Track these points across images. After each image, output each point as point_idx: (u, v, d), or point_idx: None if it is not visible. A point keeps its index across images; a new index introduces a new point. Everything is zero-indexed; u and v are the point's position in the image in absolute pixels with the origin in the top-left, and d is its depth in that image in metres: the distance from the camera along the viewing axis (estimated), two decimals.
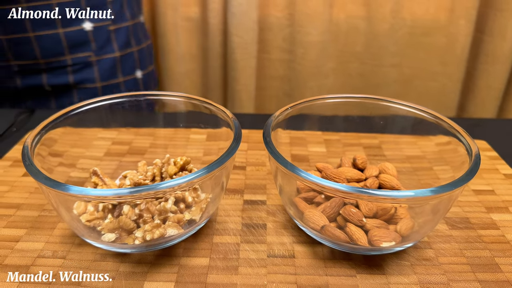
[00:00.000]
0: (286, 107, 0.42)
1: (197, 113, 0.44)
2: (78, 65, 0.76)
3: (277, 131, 0.51)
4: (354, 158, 0.43)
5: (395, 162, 0.49)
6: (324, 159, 0.49)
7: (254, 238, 0.38)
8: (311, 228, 0.36)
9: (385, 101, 0.46)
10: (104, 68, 0.79)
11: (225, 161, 0.33)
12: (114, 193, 0.29)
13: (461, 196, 0.44)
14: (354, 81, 1.37)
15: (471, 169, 0.33)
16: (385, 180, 0.40)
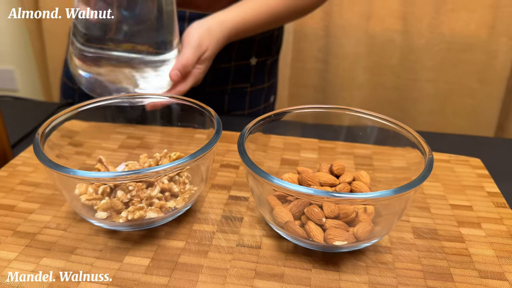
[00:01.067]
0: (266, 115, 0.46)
1: (188, 111, 0.49)
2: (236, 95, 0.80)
3: (269, 137, 0.56)
4: (331, 165, 0.46)
5: (379, 172, 0.52)
6: (312, 165, 0.53)
7: (229, 228, 0.42)
8: (276, 223, 0.40)
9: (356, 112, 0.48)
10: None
11: (203, 153, 0.38)
12: (94, 176, 0.35)
13: (436, 209, 0.46)
14: (389, 93, 1.37)
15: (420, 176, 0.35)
16: (356, 186, 0.43)
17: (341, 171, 0.46)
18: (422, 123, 1.36)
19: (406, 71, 1.31)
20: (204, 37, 0.59)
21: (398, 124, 0.47)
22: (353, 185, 0.44)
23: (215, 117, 0.44)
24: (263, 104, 0.83)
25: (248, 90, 0.79)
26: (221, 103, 0.78)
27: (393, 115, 1.40)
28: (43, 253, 0.39)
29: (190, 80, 0.60)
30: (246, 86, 0.79)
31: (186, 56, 0.58)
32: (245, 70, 0.77)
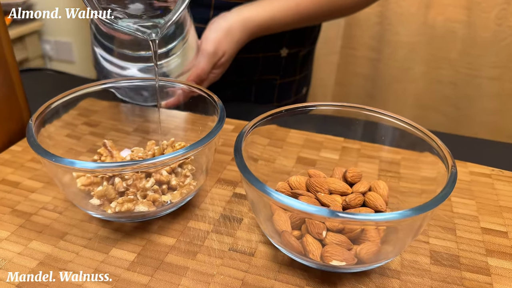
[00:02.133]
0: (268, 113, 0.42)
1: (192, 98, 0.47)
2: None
3: (288, 131, 0.52)
4: (346, 170, 0.41)
5: (405, 181, 0.46)
6: (331, 167, 0.48)
7: (225, 230, 0.39)
8: (273, 231, 0.36)
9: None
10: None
11: (199, 146, 0.35)
12: (77, 166, 0.33)
13: (463, 232, 0.40)
14: (445, 89, 1.26)
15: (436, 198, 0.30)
16: (370, 198, 0.38)
17: (356, 178, 0.41)
18: (478, 124, 1.25)
19: (466, 66, 1.20)
20: (222, 42, 0.56)
21: (421, 129, 0.41)
22: (367, 196, 0.39)
23: (218, 104, 0.41)
24: (293, 96, 0.78)
25: (277, 83, 0.75)
26: (247, 94, 0.75)
27: (447, 112, 1.29)
28: (34, 235, 0.38)
29: (205, 83, 0.59)
30: (275, 78, 0.74)
31: (201, 66, 0.56)
32: (275, 62, 0.73)
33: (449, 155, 0.36)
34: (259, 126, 0.41)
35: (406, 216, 0.29)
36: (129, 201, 0.37)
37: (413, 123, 0.42)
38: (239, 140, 0.37)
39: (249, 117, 0.67)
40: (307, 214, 0.30)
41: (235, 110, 0.67)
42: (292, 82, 0.76)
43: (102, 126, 0.54)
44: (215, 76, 0.61)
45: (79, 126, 0.52)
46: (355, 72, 1.34)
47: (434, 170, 0.46)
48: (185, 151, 0.35)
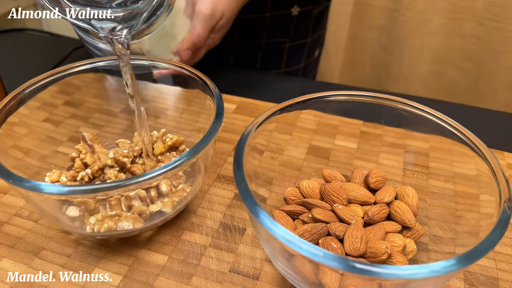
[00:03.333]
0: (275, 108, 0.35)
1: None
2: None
3: (300, 113, 0.45)
4: (368, 174, 0.35)
5: (436, 180, 0.40)
6: (347, 160, 0.42)
7: (225, 244, 0.34)
8: (277, 251, 0.31)
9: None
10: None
11: (192, 157, 0.29)
12: (51, 191, 0.26)
13: (504, 247, 0.34)
14: (466, 43, 1.16)
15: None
16: (397, 211, 0.32)
17: (380, 184, 0.35)
18: (500, 82, 1.16)
19: (492, 18, 1.09)
20: (219, 1, 0.48)
21: (465, 133, 0.34)
22: (393, 208, 0.33)
23: (214, 93, 0.34)
24: (304, 61, 0.70)
25: (286, 46, 0.66)
26: (252, 60, 0.67)
27: (466, 68, 1.20)
28: (5, 251, 0.33)
29: (203, 51, 0.51)
30: (284, 41, 0.66)
31: (197, 32, 0.48)
32: (284, 22, 0.64)
33: (492, 159, 0.30)
34: (264, 124, 0.34)
35: (442, 272, 0.23)
36: (110, 218, 0.31)
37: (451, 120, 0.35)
38: (239, 150, 0.30)
39: (254, 92, 0.60)
40: (329, 267, 0.24)
41: (237, 81, 0.60)
42: (304, 45, 0.68)
43: (85, 106, 0.47)
44: (214, 41, 0.54)
45: (59, 108, 0.45)
46: (370, 24, 1.23)
47: (470, 165, 0.40)
48: (176, 163, 0.28)
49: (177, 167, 0.28)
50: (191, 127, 0.44)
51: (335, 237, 0.30)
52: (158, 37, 0.48)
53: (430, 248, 0.33)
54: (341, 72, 1.32)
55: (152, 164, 0.36)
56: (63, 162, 0.40)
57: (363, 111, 0.40)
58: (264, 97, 0.54)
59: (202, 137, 0.30)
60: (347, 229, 0.30)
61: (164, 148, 0.37)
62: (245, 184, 0.26)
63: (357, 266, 0.22)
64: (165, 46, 0.51)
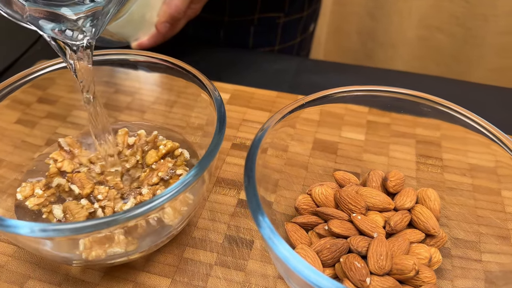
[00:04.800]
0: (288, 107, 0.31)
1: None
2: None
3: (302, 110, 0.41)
4: (385, 178, 0.32)
5: (451, 173, 0.38)
6: (356, 154, 0.39)
7: (233, 261, 0.31)
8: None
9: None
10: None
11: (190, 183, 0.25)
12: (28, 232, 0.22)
13: None
14: (455, 7, 1.13)
15: None
16: (419, 217, 0.30)
17: (399, 187, 0.32)
18: (488, 46, 1.13)
19: None
20: None
21: (477, 120, 0.32)
22: (415, 214, 0.30)
23: (213, 96, 0.30)
24: (299, 36, 0.65)
25: (281, 21, 0.61)
26: (244, 37, 0.62)
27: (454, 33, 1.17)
28: None
29: (182, 22, 0.47)
30: (278, 15, 0.61)
31: (175, 4, 0.44)
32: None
33: None
34: (276, 127, 0.31)
35: None
36: (99, 244, 0.27)
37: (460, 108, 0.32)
38: (250, 162, 0.26)
39: (248, 76, 0.55)
40: None
41: (229, 63, 0.55)
42: (299, 20, 0.63)
43: (62, 102, 0.42)
44: (194, 11, 0.49)
45: (33, 106, 0.40)
46: None
47: (487, 156, 0.37)
48: (173, 193, 0.24)
49: (186, 189, 0.24)
50: (184, 123, 0.40)
51: (357, 253, 0.27)
52: (127, 17, 0.44)
53: (454, 253, 0.31)
54: (326, 40, 1.28)
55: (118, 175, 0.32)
56: (42, 171, 0.35)
57: (368, 99, 0.37)
58: (259, 82, 0.49)
59: (206, 152, 0.26)
60: (370, 245, 0.27)
61: (157, 156, 0.33)
62: (263, 214, 0.23)
63: None
64: (135, 27, 0.47)
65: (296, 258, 0.21)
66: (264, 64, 0.55)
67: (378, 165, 0.38)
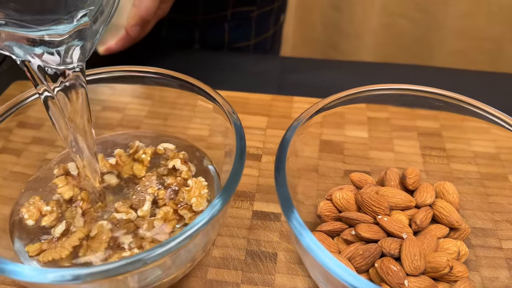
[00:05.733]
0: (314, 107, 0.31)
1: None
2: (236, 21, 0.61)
3: (291, 100, 0.41)
4: (404, 175, 0.32)
5: (457, 163, 0.38)
6: (363, 152, 0.38)
7: (259, 276, 0.30)
8: (329, 281, 0.27)
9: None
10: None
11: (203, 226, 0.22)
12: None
13: None
14: None
15: None
16: (442, 212, 0.30)
17: (418, 183, 0.32)
18: (451, 32, 1.17)
19: None
20: None
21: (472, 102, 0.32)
22: (437, 209, 0.30)
23: (233, 121, 0.29)
24: (272, 28, 0.65)
25: (254, 15, 0.61)
26: (219, 34, 0.60)
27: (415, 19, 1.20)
28: None
29: (152, 22, 0.46)
30: (251, 9, 0.60)
31: (145, 6, 0.42)
32: None
33: None
34: None
35: None
36: None
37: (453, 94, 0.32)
38: (281, 157, 0.25)
39: (234, 81, 0.53)
40: None
41: (211, 66, 0.54)
42: (271, 12, 0.63)
43: (47, 126, 0.39)
44: (164, 11, 0.47)
45: (14, 131, 0.37)
46: None
47: (488, 142, 0.38)
48: (204, 223, 0.22)
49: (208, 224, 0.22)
50: (184, 135, 0.38)
51: (390, 256, 0.27)
52: None
53: (475, 243, 0.31)
54: (293, 34, 1.27)
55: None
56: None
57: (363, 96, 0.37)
58: (246, 86, 0.48)
59: (227, 181, 0.24)
60: (401, 246, 0.27)
61: (144, 166, 0.32)
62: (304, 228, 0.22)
63: None
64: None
65: (342, 267, 0.20)
66: (246, 66, 0.54)
67: (386, 162, 0.38)
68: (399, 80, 0.35)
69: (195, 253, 0.26)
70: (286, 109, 0.44)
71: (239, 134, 0.27)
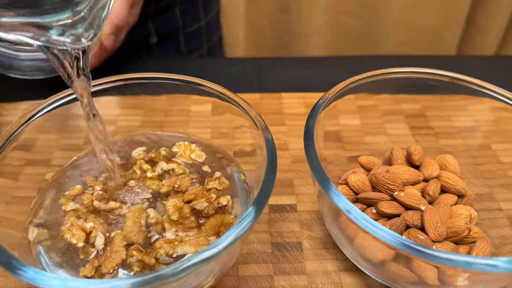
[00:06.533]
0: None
1: None
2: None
3: (279, 96, 0.42)
4: (409, 152, 0.34)
5: (445, 138, 0.41)
6: (359, 137, 0.40)
7: (290, 266, 0.30)
8: (363, 260, 0.28)
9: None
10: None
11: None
12: None
13: None
14: None
15: None
16: (448, 182, 0.32)
17: (422, 158, 0.34)
18: (394, 25, 1.24)
19: None
20: None
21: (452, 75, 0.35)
22: (443, 180, 0.32)
23: (260, 125, 0.29)
24: (215, 4, 0.67)
25: None
26: (172, 21, 0.61)
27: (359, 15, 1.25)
28: None
29: (125, 30, 0.45)
30: None
31: (117, 11, 0.42)
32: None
33: None
34: None
35: None
36: None
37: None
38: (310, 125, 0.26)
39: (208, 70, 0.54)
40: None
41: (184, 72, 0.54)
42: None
43: (39, 146, 0.38)
44: (135, 17, 0.48)
45: (9, 155, 0.36)
46: None
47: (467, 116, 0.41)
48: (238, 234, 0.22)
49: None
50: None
51: (414, 227, 0.29)
52: None
53: (477, 208, 0.34)
54: (244, 39, 1.29)
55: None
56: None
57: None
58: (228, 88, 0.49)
59: (258, 194, 0.25)
60: (423, 216, 0.29)
61: (155, 175, 0.32)
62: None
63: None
64: None
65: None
66: (221, 70, 0.55)
67: (381, 144, 0.40)
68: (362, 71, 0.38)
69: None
70: (277, 105, 0.45)
71: (269, 149, 0.27)
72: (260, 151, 0.29)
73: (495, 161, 0.38)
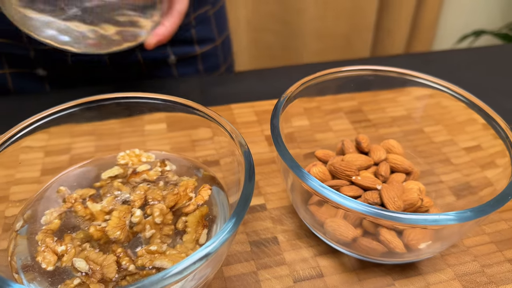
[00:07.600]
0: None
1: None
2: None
3: (229, 108, 0.44)
4: (358, 141, 0.38)
5: (382, 128, 0.46)
6: (310, 136, 0.44)
7: (270, 259, 0.32)
8: (336, 241, 0.31)
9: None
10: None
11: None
12: None
13: (456, 158, 0.42)
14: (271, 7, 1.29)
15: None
16: (396, 162, 0.36)
17: (370, 146, 0.38)
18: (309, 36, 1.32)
19: None
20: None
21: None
22: (391, 161, 0.36)
23: (243, 152, 0.30)
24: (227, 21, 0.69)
25: (210, 13, 0.64)
26: (187, 40, 0.62)
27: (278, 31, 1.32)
28: None
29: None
30: (207, 9, 0.63)
31: (172, 29, 0.44)
32: None
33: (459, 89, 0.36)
34: None
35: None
36: None
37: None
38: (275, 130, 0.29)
39: (208, 97, 0.54)
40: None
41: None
42: (223, 8, 0.68)
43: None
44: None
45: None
46: None
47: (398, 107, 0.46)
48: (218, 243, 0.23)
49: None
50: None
51: (375, 204, 0.32)
52: None
53: (422, 182, 0.38)
54: None
55: None
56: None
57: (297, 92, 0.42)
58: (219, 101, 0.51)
59: (237, 206, 0.25)
60: (380, 194, 0.32)
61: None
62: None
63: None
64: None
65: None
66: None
67: (330, 140, 0.43)
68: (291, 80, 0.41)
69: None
70: (229, 116, 0.47)
71: (247, 160, 0.29)
72: (231, 157, 0.31)
73: (429, 141, 0.44)
